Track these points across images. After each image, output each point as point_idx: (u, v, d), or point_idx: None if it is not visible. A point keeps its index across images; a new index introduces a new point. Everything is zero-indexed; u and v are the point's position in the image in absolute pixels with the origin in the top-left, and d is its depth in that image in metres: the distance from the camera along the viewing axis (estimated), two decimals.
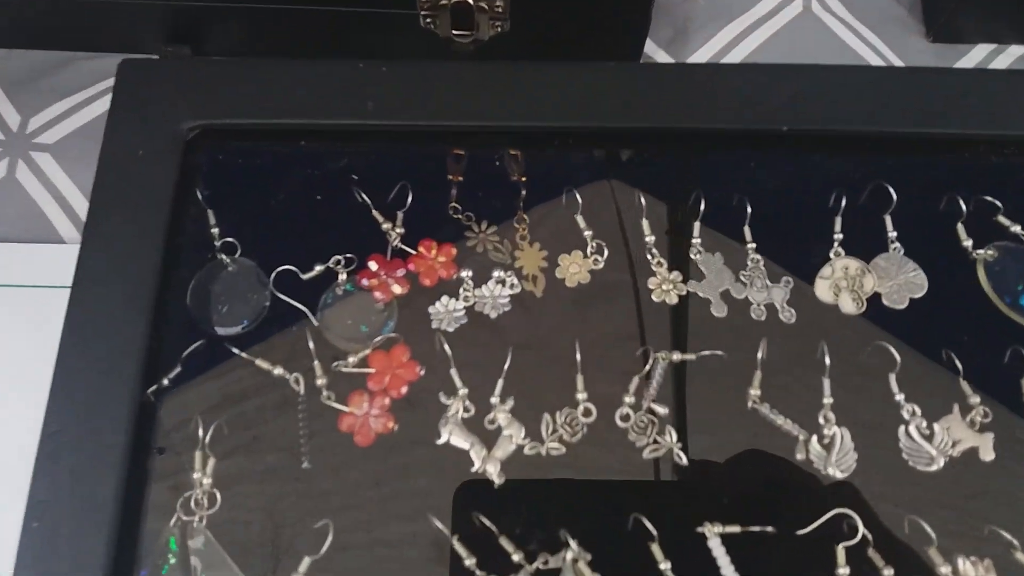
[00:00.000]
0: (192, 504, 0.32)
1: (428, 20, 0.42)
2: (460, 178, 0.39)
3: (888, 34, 0.47)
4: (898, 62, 0.46)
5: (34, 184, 0.41)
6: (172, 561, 0.32)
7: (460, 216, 0.38)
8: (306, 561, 0.32)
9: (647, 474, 0.34)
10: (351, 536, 0.32)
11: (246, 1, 0.42)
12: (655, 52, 0.46)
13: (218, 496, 0.33)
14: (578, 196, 0.38)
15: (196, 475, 0.33)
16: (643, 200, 0.37)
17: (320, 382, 0.35)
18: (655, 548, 0.32)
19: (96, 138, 0.43)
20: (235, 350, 0.34)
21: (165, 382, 0.34)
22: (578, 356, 0.35)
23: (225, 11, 0.43)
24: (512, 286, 0.37)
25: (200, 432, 0.33)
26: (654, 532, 0.32)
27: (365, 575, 0.31)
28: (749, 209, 0.37)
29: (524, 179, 0.39)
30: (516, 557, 0.32)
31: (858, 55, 0.46)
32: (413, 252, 0.37)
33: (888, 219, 0.38)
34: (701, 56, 0.46)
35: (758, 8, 0.47)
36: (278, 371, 0.35)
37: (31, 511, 0.29)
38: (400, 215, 0.38)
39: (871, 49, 0.46)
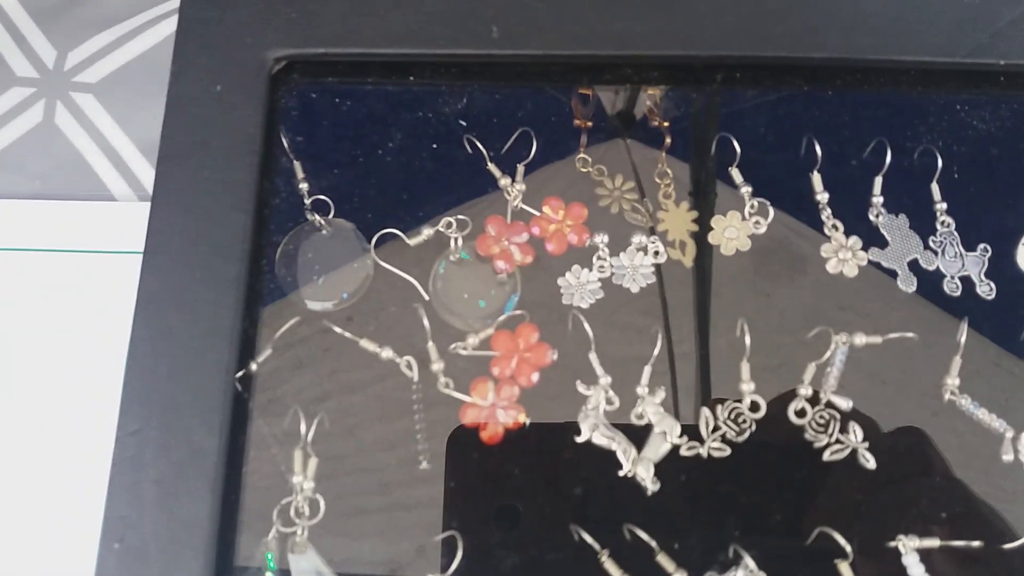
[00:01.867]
0: (292, 513, 0.28)
1: None
2: (590, 124, 0.34)
3: None
4: None
5: (76, 130, 0.36)
6: None
7: (591, 169, 0.33)
8: None
9: (828, 479, 0.29)
10: (479, 550, 0.28)
11: None
12: None
13: (321, 503, 0.28)
14: (736, 143, 0.33)
15: (296, 479, 0.28)
16: (817, 147, 0.32)
17: (436, 367, 0.30)
18: (844, 567, 0.28)
19: (146, 75, 0.39)
20: (336, 328, 0.30)
21: (254, 367, 0.29)
22: (746, 339, 0.30)
23: None
24: (656, 253, 0.32)
25: (301, 427, 0.28)
26: (845, 546, 0.28)
27: None
28: (940, 162, 0.32)
29: (667, 124, 0.34)
30: None
31: None
32: (537, 213, 0.32)
33: None
34: None
35: None
36: (387, 354, 0.30)
37: (109, 529, 0.25)
38: (521, 168, 0.33)
39: None
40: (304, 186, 0.31)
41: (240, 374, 0.29)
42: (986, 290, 0.32)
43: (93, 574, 0.25)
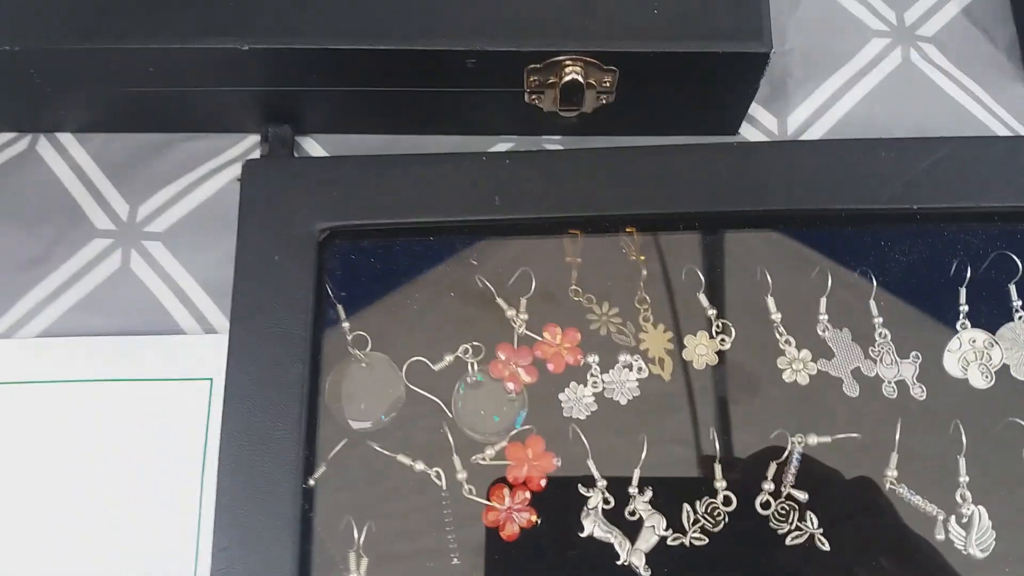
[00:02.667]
0: None
1: (533, 97, 0.43)
2: (579, 260, 0.40)
3: (988, 81, 0.48)
4: (1000, 110, 0.47)
5: (148, 274, 0.44)
6: None
7: (582, 299, 0.40)
8: None
9: (791, 562, 0.35)
10: None
11: (346, 85, 0.44)
12: (755, 110, 0.47)
13: None
14: (700, 274, 0.40)
15: None
16: (768, 276, 0.39)
17: (460, 476, 0.37)
18: None
19: (206, 223, 0.46)
20: (376, 447, 0.37)
21: (311, 482, 0.36)
22: (715, 443, 0.37)
23: (325, 93, 0.44)
24: (640, 370, 0.39)
25: (353, 533, 0.35)
26: None
27: None
28: (874, 283, 0.39)
29: (643, 258, 0.40)
30: None
31: (960, 106, 0.47)
32: (539, 338, 0.39)
33: (1013, 288, 0.39)
34: (802, 112, 0.47)
35: (855, 61, 0.48)
36: (419, 466, 0.37)
37: None
38: (524, 301, 0.40)
39: (971, 97, 0.47)
40: (346, 326, 0.38)
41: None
42: (919, 392, 0.38)
43: None
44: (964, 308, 0.39)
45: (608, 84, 0.42)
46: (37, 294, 0.44)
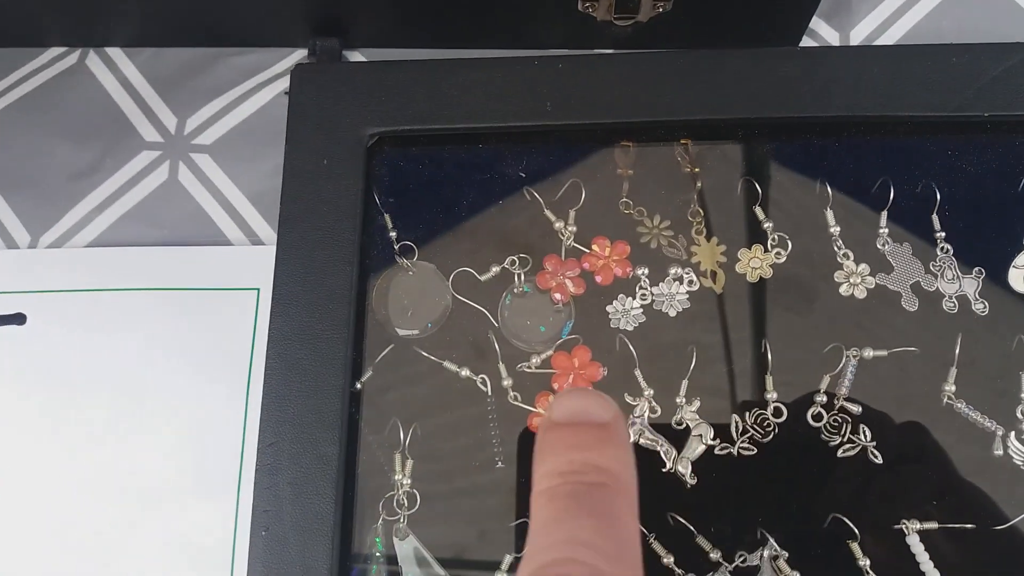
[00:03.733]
0: (394, 505, 0.36)
1: (587, 5, 0.43)
2: (630, 172, 0.41)
3: None
4: None
5: (196, 186, 0.45)
6: (380, 559, 0.35)
7: (632, 212, 0.40)
8: (508, 558, 0.35)
9: (842, 473, 0.36)
10: None
11: None
12: (816, 24, 0.46)
13: (418, 496, 0.36)
14: (757, 185, 0.40)
15: (396, 477, 0.36)
16: (828, 188, 0.39)
17: (506, 383, 0.38)
18: (855, 546, 0.35)
19: (252, 137, 0.47)
20: (423, 352, 0.38)
21: (358, 386, 0.37)
22: (768, 355, 0.37)
23: (373, 4, 0.45)
24: (690, 283, 0.39)
25: (400, 435, 0.36)
26: (855, 529, 0.35)
27: None
28: (938, 196, 0.39)
29: (697, 170, 0.41)
30: (714, 556, 0.35)
31: None
32: (587, 251, 0.40)
33: None
34: (866, 26, 0.46)
35: None
36: (465, 372, 0.38)
37: (257, 520, 0.33)
38: (572, 213, 0.40)
39: None
40: (393, 235, 0.39)
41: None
42: (980, 308, 0.38)
43: (247, 556, 0.33)
44: None
45: None
46: (86, 205, 0.46)
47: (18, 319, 0.43)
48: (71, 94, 0.48)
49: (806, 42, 0.47)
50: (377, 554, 0.35)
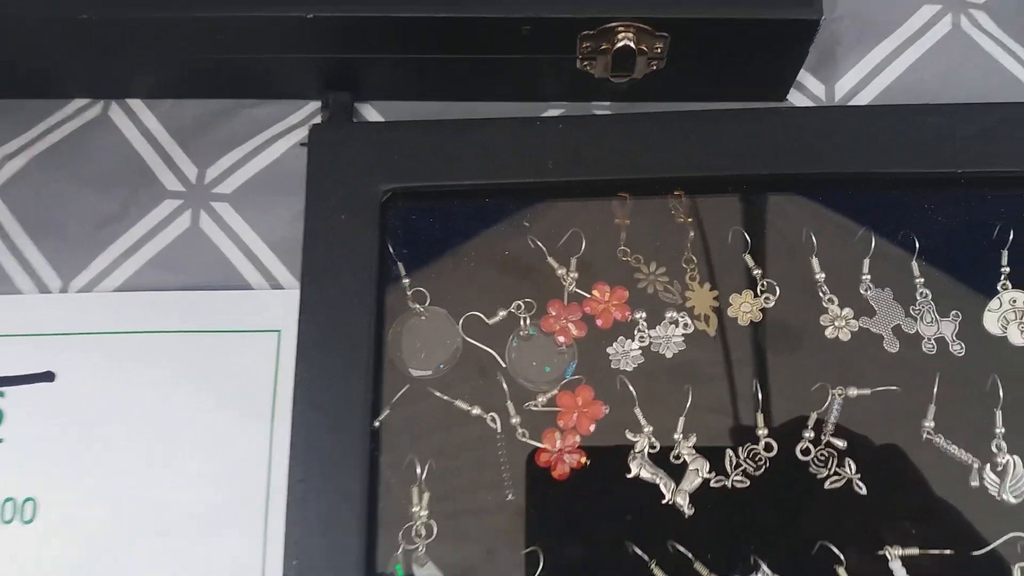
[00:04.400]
0: (412, 534, 0.39)
1: (585, 63, 0.47)
2: (628, 222, 0.44)
3: None
4: None
5: (217, 233, 0.49)
6: None
7: (630, 259, 0.44)
8: None
9: (829, 503, 0.39)
10: (555, 560, 0.39)
11: (403, 52, 0.48)
12: (803, 77, 0.51)
13: (434, 527, 0.40)
14: (746, 236, 0.43)
15: (414, 509, 0.40)
16: (813, 238, 0.43)
17: (514, 420, 0.41)
18: (841, 571, 0.38)
19: (269, 185, 0.51)
20: (436, 392, 0.41)
21: (377, 424, 0.41)
22: (757, 394, 0.41)
23: (384, 61, 0.49)
24: (685, 326, 0.43)
25: (416, 470, 0.40)
26: (840, 556, 0.38)
27: None
28: (917, 245, 0.42)
29: (690, 220, 0.44)
30: None
31: (1010, 73, 0.50)
32: (588, 296, 0.43)
33: None
34: (850, 79, 0.50)
35: (905, 28, 0.51)
36: (476, 411, 0.41)
37: (289, 551, 0.37)
38: (574, 261, 0.44)
39: (1022, 64, 0.50)
40: (407, 282, 0.43)
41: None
42: (957, 349, 0.42)
43: None
44: (1006, 270, 0.43)
45: (659, 50, 0.46)
46: (113, 251, 0.49)
47: (47, 377, 0.46)
48: (95, 144, 0.52)
49: (793, 94, 0.51)
50: None
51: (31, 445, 0.45)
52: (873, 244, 0.43)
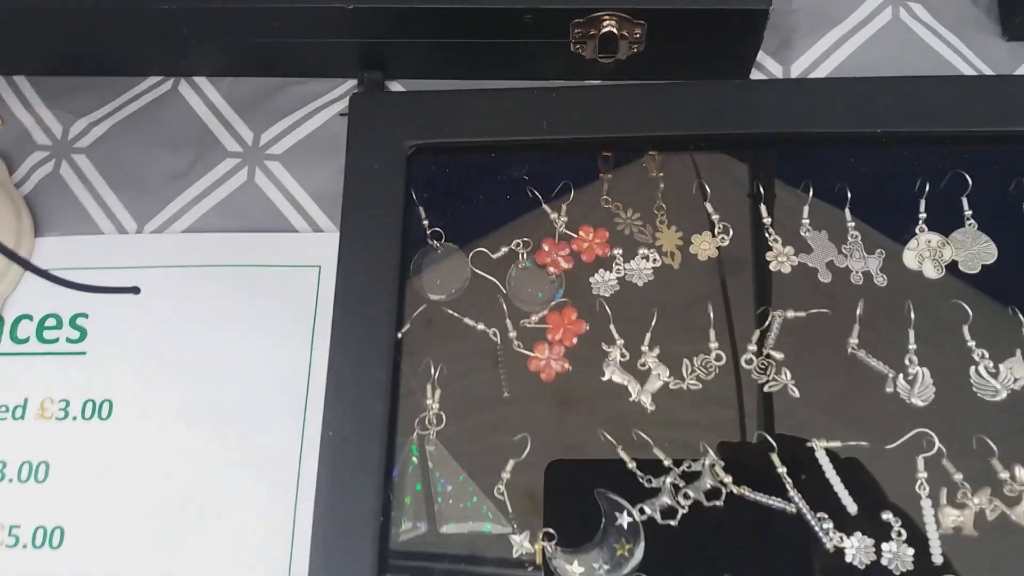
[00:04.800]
0: (425, 423, 0.49)
1: (577, 46, 0.57)
2: (610, 175, 0.54)
3: (968, 36, 0.60)
4: (977, 61, 0.59)
5: (270, 187, 0.59)
6: (415, 462, 0.48)
7: (611, 206, 0.53)
8: (511, 462, 0.48)
9: (767, 403, 0.48)
10: (541, 444, 0.48)
11: (427, 37, 0.58)
12: (764, 59, 0.60)
13: (443, 416, 0.49)
14: (707, 187, 0.52)
15: (428, 402, 0.49)
16: (762, 189, 0.52)
17: (511, 334, 0.51)
18: (774, 457, 0.47)
19: (313, 147, 0.61)
20: (449, 311, 0.51)
21: (399, 335, 0.50)
22: (711, 314, 0.49)
23: (410, 44, 0.58)
24: (654, 260, 0.52)
25: (430, 370, 0.49)
26: (774, 445, 0.47)
27: (552, 471, 0.47)
28: (849, 194, 0.51)
29: (661, 175, 0.53)
30: (666, 462, 0.47)
31: (941, 56, 0.59)
32: (575, 236, 0.52)
33: (964, 200, 0.51)
34: (804, 61, 0.60)
35: (852, 18, 0.60)
36: (480, 326, 0.51)
37: (326, 423, 0.47)
38: (564, 207, 0.53)
39: (952, 50, 0.59)
40: (425, 223, 0.53)
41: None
42: (880, 281, 0.50)
43: (318, 455, 0.46)
44: (923, 216, 0.51)
45: (638, 35, 0.55)
46: (181, 200, 0.60)
47: (134, 290, 0.56)
48: (167, 113, 0.62)
49: (755, 74, 0.60)
50: (413, 457, 0.48)
51: (110, 356, 0.56)
52: (811, 193, 0.52)
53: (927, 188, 0.52)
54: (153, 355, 0.55)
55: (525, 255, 0.53)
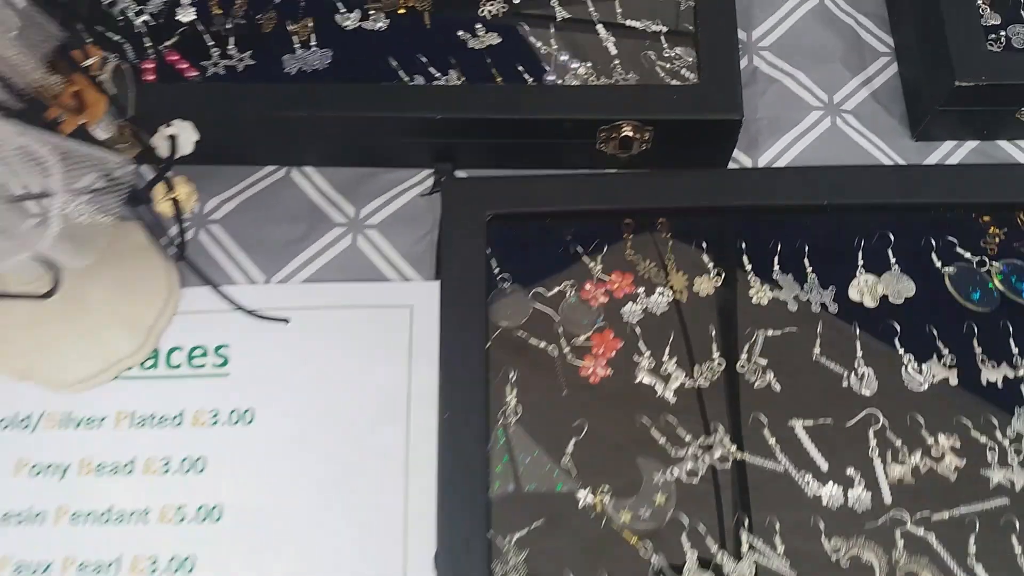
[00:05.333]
0: (507, 413, 0.65)
1: (600, 145, 0.77)
2: (631, 236, 0.73)
3: (887, 137, 0.82)
4: (894, 155, 0.81)
5: (369, 249, 0.77)
6: (502, 442, 0.64)
7: (633, 258, 0.72)
8: (572, 441, 0.64)
9: (756, 396, 0.65)
10: (593, 427, 0.64)
11: (491, 138, 0.77)
12: (738, 154, 0.81)
13: (519, 409, 0.65)
14: (704, 243, 0.72)
15: (508, 399, 0.65)
16: (744, 245, 0.71)
17: (566, 350, 0.68)
18: (766, 432, 0.64)
19: (402, 220, 0.79)
20: (517, 334, 0.68)
21: (486, 349, 0.67)
22: (711, 333, 0.68)
23: (476, 144, 0.78)
24: (668, 296, 0.70)
25: (510, 375, 0.66)
26: (764, 422, 0.64)
27: (606, 446, 0.63)
28: (807, 248, 0.71)
29: (669, 235, 0.72)
30: (687, 438, 0.64)
31: (868, 152, 0.80)
32: (608, 279, 0.71)
33: (889, 251, 0.71)
34: (768, 155, 0.81)
35: (801, 125, 0.82)
36: (542, 344, 0.68)
37: (442, 406, 0.63)
38: (599, 258, 0.72)
39: (876, 148, 0.81)
40: (497, 270, 0.70)
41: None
42: (833, 309, 0.69)
43: (436, 441, 0.62)
44: (861, 262, 0.71)
45: (647, 137, 0.76)
46: (299, 260, 0.77)
47: (284, 320, 0.73)
48: (283, 194, 0.81)
49: (732, 164, 0.80)
50: (500, 439, 0.64)
51: (250, 376, 0.72)
52: (779, 247, 0.71)
53: (863, 243, 0.72)
54: (285, 374, 0.72)
55: (572, 292, 0.71)
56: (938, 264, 0.71)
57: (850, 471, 0.63)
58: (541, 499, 0.63)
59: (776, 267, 0.71)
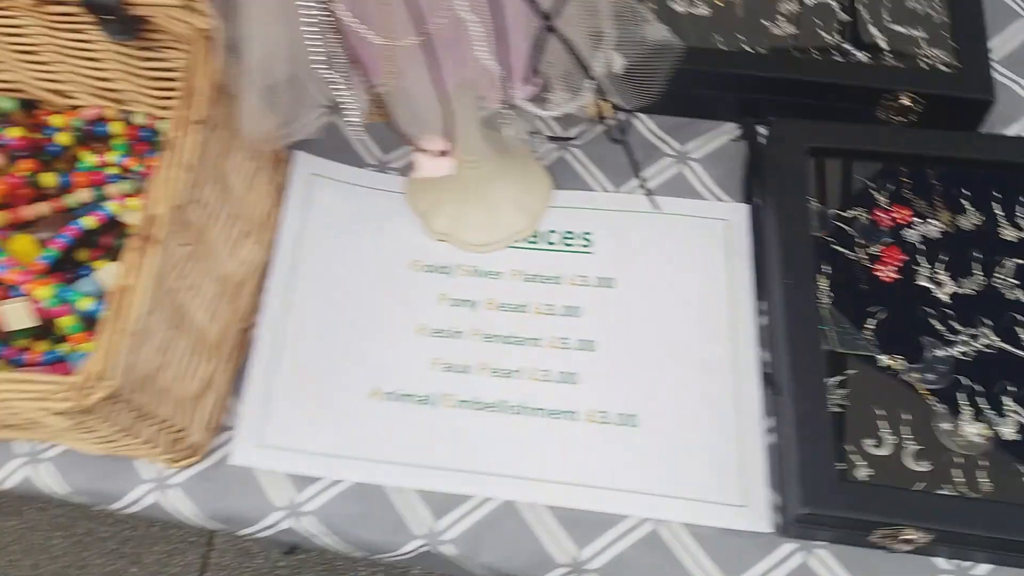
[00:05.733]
0: (820, 296, 0.87)
1: (879, 112, 0.98)
2: (910, 180, 0.94)
3: None
4: None
5: (692, 176, 1.00)
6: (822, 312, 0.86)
7: (909, 195, 0.93)
8: (870, 321, 0.85)
9: None
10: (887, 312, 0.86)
11: (784, 96, 1.00)
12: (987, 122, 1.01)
13: (832, 295, 0.87)
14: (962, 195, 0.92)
15: (822, 285, 0.87)
16: (995, 193, 0.92)
17: (862, 256, 0.89)
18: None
19: (715, 155, 1.02)
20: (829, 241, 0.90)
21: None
22: (973, 255, 0.88)
23: (774, 101, 1.01)
24: (938, 225, 0.91)
25: (823, 268, 0.88)
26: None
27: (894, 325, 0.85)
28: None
29: (938, 182, 0.93)
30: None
31: None
32: (890, 208, 0.92)
33: None
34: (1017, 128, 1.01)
35: None
36: (844, 251, 0.89)
37: (783, 277, 0.85)
38: (886, 193, 0.93)
39: None
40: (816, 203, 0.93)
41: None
42: None
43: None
44: None
45: (919, 108, 0.97)
46: (633, 182, 1.00)
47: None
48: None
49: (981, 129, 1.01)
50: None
51: (608, 255, 0.96)
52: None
53: None
54: (636, 256, 0.96)
55: (865, 216, 0.92)
56: None
57: None
58: (848, 358, 0.87)
59: (1018, 212, 0.93)
